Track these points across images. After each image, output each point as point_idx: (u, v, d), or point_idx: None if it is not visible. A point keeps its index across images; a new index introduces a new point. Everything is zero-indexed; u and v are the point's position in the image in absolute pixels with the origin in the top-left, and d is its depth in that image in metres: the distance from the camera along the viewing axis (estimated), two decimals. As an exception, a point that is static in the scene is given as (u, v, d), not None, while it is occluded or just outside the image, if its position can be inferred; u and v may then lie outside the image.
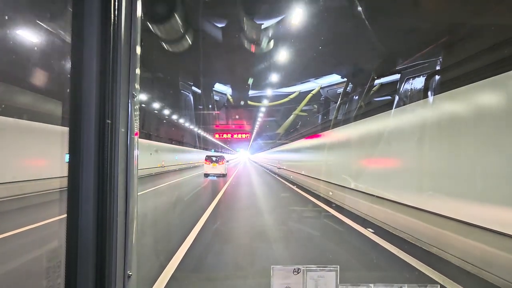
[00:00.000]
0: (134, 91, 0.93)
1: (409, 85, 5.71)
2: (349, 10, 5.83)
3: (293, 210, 7.35)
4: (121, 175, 0.87)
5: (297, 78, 12.29)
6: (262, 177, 19.16)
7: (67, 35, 0.84)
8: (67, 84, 0.84)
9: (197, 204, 7.97)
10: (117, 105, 0.86)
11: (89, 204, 0.82)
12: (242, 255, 4.00)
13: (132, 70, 0.92)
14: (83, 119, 0.82)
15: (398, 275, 3.40)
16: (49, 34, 5.69)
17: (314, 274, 1.16)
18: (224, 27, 7.23)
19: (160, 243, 4.40)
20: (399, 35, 6.00)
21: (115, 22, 0.85)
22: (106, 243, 0.83)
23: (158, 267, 3.37)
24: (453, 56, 4.83)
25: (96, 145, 0.82)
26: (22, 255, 3.77)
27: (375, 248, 4.25)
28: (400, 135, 5.49)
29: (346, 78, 10.46)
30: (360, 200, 6.42)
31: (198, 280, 3.22)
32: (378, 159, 6.04)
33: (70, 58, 0.84)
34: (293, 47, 8.40)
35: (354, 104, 8.89)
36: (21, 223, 4.98)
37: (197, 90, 13.86)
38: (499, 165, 3.34)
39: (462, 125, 3.99)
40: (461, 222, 3.64)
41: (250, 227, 5.52)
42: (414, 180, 4.84)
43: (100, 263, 0.83)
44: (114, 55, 0.85)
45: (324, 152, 10.43)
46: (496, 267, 3.08)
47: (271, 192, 11.46)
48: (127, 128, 0.90)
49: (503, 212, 3.16)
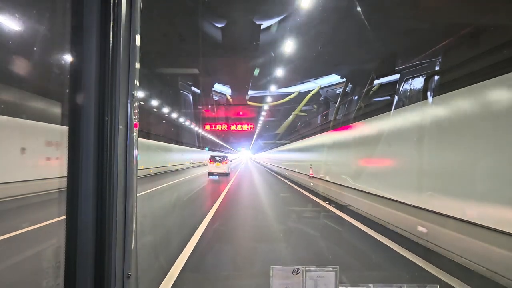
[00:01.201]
0: (134, 90, 0.93)
1: (408, 86, 5.72)
2: (349, 10, 5.83)
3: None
4: (120, 175, 0.87)
5: (297, 78, 12.30)
6: (270, 185, 14.91)
7: (66, 33, 0.84)
8: (67, 83, 0.84)
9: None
10: (116, 104, 0.85)
11: (88, 204, 0.81)
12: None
13: (131, 69, 0.92)
14: (83, 118, 0.81)
15: (398, 275, 3.41)
16: (48, 33, 5.68)
17: (314, 274, 1.16)
18: (223, 27, 7.23)
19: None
20: (399, 35, 6.01)
21: (115, 20, 0.85)
22: (105, 242, 0.83)
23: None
24: (453, 57, 4.84)
25: (96, 144, 0.82)
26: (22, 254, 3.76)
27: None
28: (401, 135, 5.52)
29: (346, 78, 10.48)
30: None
31: (198, 280, 3.22)
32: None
33: (70, 57, 0.83)
34: (292, 47, 8.40)
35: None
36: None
37: (196, 90, 13.87)
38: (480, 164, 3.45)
39: (457, 125, 4.04)
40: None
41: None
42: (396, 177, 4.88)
43: (99, 263, 0.82)
44: (114, 54, 0.85)
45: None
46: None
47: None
48: (127, 127, 0.90)
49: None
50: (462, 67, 4.38)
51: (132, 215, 0.93)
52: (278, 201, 9.53)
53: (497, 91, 3.49)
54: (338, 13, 6.18)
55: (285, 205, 8.50)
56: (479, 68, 3.84)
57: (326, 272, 1.16)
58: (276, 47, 8.39)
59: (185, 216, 6.71)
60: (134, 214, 0.94)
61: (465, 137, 3.95)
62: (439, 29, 5.11)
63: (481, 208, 3.45)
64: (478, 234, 3.37)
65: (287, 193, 11.32)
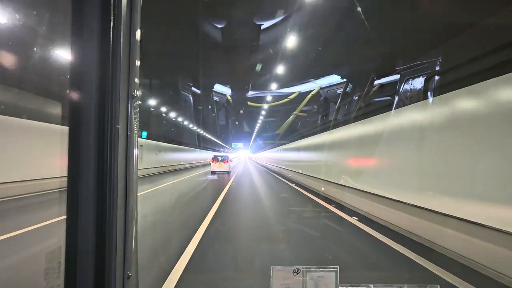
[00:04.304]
0: (134, 91, 0.93)
1: (408, 86, 5.71)
2: (349, 11, 5.84)
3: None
4: (121, 175, 0.87)
5: (297, 78, 12.31)
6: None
7: (66, 33, 0.83)
8: (67, 84, 0.83)
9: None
10: (116, 105, 0.85)
11: (88, 204, 0.81)
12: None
13: (132, 69, 0.92)
14: (83, 118, 0.81)
15: (398, 275, 3.40)
16: (48, 34, 5.68)
17: (314, 275, 1.16)
18: (224, 27, 7.24)
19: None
20: (399, 36, 6.01)
21: (115, 21, 0.85)
22: (106, 243, 0.83)
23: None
24: (453, 57, 4.83)
25: (96, 144, 0.82)
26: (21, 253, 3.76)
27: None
28: (400, 135, 5.52)
29: (346, 79, 10.48)
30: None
31: (198, 280, 3.22)
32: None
33: (70, 57, 0.83)
34: (293, 48, 8.40)
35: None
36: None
37: (196, 90, 13.88)
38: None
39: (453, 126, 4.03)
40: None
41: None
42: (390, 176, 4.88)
43: (100, 264, 0.82)
44: (114, 54, 0.85)
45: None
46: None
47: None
48: (127, 127, 0.90)
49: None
50: (462, 67, 4.38)
51: (132, 215, 0.92)
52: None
53: (497, 91, 3.49)
54: (338, 14, 6.18)
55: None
56: (479, 68, 3.84)
57: (326, 272, 1.16)
58: (276, 48, 8.40)
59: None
60: (134, 214, 0.93)
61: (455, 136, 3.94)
62: (439, 29, 5.10)
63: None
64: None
65: (290, 196, 11.13)
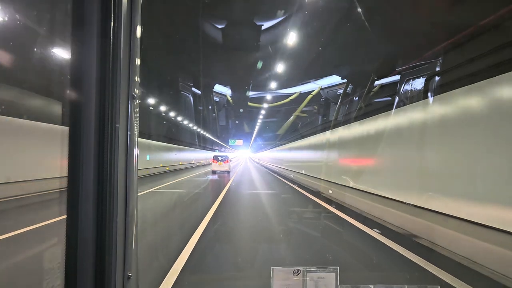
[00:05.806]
0: (134, 91, 0.93)
1: (409, 86, 5.71)
2: (349, 11, 5.84)
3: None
4: (121, 175, 0.87)
5: (297, 79, 12.31)
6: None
7: (66, 34, 0.83)
8: (67, 84, 0.83)
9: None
10: (117, 105, 0.85)
11: (89, 204, 0.81)
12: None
13: (132, 69, 0.92)
14: (83, 118, 0.81)
15: (399, 276, 3.39)
16: (48, 34, 5.69)
17: (314, 275, 1.16)
18: (224, 28, 7.24)
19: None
20: (399, 36, 6.01)
21: (115, 21, 0.85)
22: (106, 243, 0.83)
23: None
24: (453, 58, 4.83)
25: (96, 144, 0.82)
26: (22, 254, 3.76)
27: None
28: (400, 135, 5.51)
29: (346, 79, 10.48)
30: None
31: (197, 280, 3.21)
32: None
33: (70, 58, 0.83)
34: (293, 48, 8.40)
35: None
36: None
37: (196, 91, 13.88)
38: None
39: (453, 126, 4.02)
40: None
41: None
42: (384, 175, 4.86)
43: (100, 264, 0.82)
44: (114, 54, 0.85)
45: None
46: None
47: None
48: (127, 126, 0.90)
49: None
50: (462, 67, 4.38)
51: (133, 215, 0.92)
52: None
53: (497, 91, 3.49)
54: (339, 14, 6.18)
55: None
56: (479, 68, 3.84)
57: (327, 273, 1.16)
58: (276, 48, 8.40)
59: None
60: (134, 214, 0.93)
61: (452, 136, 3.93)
62: (439, 29, 5.10)
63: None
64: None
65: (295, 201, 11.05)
